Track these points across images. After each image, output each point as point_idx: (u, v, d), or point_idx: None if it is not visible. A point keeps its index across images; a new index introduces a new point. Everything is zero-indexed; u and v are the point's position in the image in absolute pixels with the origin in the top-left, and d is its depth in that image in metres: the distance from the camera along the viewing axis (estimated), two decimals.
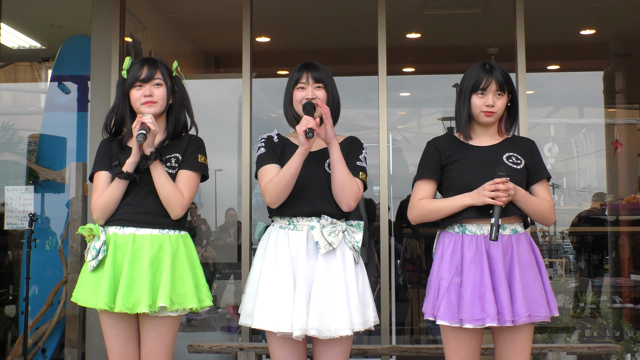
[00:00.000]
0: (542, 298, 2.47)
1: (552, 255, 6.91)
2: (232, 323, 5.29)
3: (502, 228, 2.49)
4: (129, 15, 4.88)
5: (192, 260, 2.58)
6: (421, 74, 7.37)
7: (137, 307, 2.41)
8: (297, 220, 2.51)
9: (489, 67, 2.58)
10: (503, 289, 2.40)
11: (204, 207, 6.48)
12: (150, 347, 2.50)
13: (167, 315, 2.48)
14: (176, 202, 2.51)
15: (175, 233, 2.56)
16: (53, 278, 4.91)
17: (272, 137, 2.68)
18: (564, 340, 4.75)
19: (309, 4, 5.67)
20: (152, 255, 2.48)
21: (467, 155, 2.58)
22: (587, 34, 6.24)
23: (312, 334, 2.39)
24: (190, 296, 2.50)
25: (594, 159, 6.63)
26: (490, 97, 2.55)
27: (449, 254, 2.51)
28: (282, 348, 2.49)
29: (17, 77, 6.66)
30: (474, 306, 2.39)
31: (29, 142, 5.25)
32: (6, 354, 4.84)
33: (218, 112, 6.07)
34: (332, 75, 2.66)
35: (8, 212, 4.77)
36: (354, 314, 2.43)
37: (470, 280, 2.42)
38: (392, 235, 4.70)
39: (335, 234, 2.46)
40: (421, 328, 5.63)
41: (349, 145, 2.63)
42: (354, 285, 2.46)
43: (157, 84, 2.57)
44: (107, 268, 2.47)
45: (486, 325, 2.38)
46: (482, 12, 5.60)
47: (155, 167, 2.51)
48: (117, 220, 2.54)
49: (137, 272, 2.45)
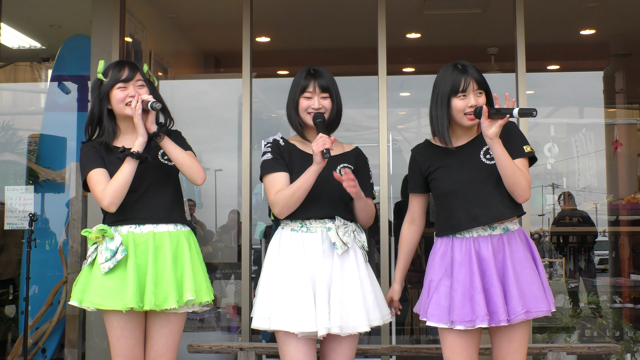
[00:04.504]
0: (542, 293, 2.44)
1: (552, 255, 6.89)
2: (232, 323, 5.27)
3: (491, 228, 2.48)
4: (129, 15, 4.87)
5: (200, 256, 2.64)
6: (421, 74, 7.35)
7: (165, 303, 2.44)
8: (310, 223, 2.56)
9: (462, 67, 2.51)
10: (496, 289, 2.39)
11: (203, 207, 6.46)
12: (160, 345, 2.52)
13: (175, 312, 2.52)
14: (199, 167, 2.57)
15: (186, 229, 2.62)
16: (53, 278, 4.90)
17: (278, 141, 2.65)
18: (564, 340, 4.74)
19: (309, 4, 5.66)
20: (173, 251, 2.52)
21: (446, 161, 2.55)
22: (587, 34, 6.23)
23: (335, 332, 2.44)
24: (205, 290, 2.57)
25: (594, 159, 6.61)
26: (472, 97, 2.49)
27: (439, 256, 2.52)
28: (297, 348, 2.49)
29: (17, 77, 6.65)
30: (464, 308, 2.39)
31: (29, 142, 5.24)
32: (6, 354, 4.83)
33: (218, 112, 6.06)
34: (335, 81, 2.68)
35: (8, 212, 4.76)
36: (370, 310, 2.52)
37: (460, 282, 2.42)
38: (392, 235, 4.68)
39: (348, 234, 2.54)
40: (421, 328, 5.61)
41: (356, 158, 2.69)
42: (368, 282, 2.56)
43: (140, 85, 2.58)
44: (130, 268, 2.46)
45: (476, 326, 2.38)
46: (482, 12, 5.59)
47: (166, 141, 2.54)
48: (132, 219, 2.54)
49: (161, 269, 2.48)
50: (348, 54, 6.39)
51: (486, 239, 2.47)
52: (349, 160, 2.65)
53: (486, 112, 2.41)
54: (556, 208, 6.91)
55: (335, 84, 2.66)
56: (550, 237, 6.45)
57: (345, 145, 2.72)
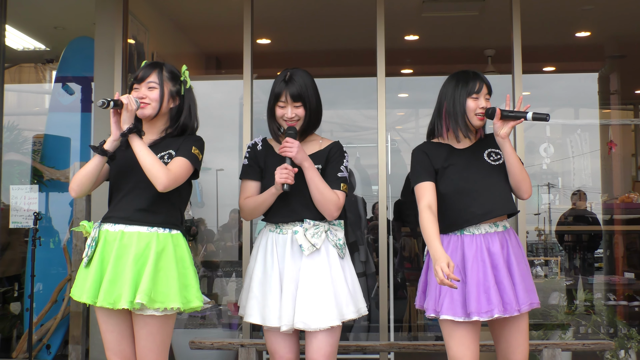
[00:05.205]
0: (534, 287, 2.64)
1: (547, 254, 6.92)
2: (233, 320, 5.30)
3: (496, 226, 2.64)
4: (132, 17, 4.90)
5: (181, 260, 2.52)
6: (419, 76, 7.38)
7: (118, 302, 2.41)
8: (281, 225, 2.65)
9: (474, 74, 2.70)
10: (507, 282, 2.54)
11: (205, 206, 6.49)
12: (142, 346, 2.50)
13: (152, 315, 2.45)
14: (159, 172, 2.42)
15: (164, 232, 2.52)
16: (57, 276, 4.93)
17: (256, 145, 2.77)
18: (559, 337, 4.76)
19: (309, 6, 5.68)
20: (138, 252, 2.46)
21: (454, 160, 2.68)
22: (582, 36, 6.26)
23: (299, 327, 2.53)
24: (173, 296, 2.45)
25: (589, 159, 6.64)
26: (482, 100, 2.68)
27: (449, 254, 2.58)
28: (274, 339, 2.64)
29: (21, 78, 6.67)
30: (480, 300, 2.51)
31: (34, 142, 5.26)
32: (11, 350, 4.86)
33: (219, 112, 6.08)
34: (312, 83, 2.65)
35: (13, 210, 4.79)
36: (344, 305, 2.57)
37: (474, 276, 2.54)
38: (391, 234, 4.71)
39: (318, 235, 2.59)
40: (419, 325, 5.64)
41: (328, 153, 2.68)
42: (341, 278, 2.60)
43: (151, 86, 2.58)
44: (94, 263, 2.49)
45: (494, 316, 2.50)
46: (479, 14, 5.61)
47: (133, 140, 2.46)
48: (110, 217, 2.56)
49: (121, 268, 2.45)
50: (347, 55, 6.41)
51: (494, 236, 2.62)
52: (319, 160, 2.66)
53: (499, 114, 2.59)
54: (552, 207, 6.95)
55: (310, 87, 2.64)
56: (559, 236, 6.40)
57: (323, 142, 2.72)
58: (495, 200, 2.62)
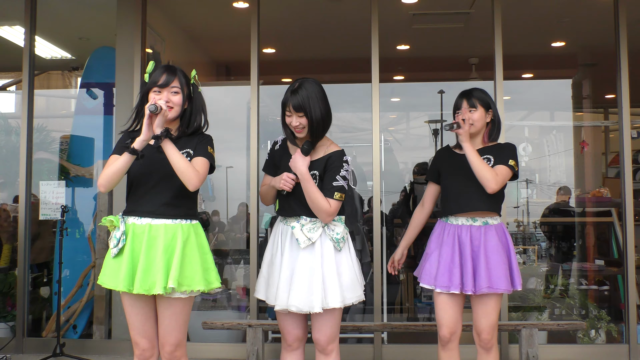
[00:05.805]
0: (505, 275, 2.79)
1: (525, 243, 6.93)
2: (242, 303, 5.30)
3: (473, 220, 2.86)
4: (149, 29, 4.89)
5: (202, 247, 2.56)
6: (410, 82, 7.38)
7: (152, 288, 2.42)
8: (287, 218, 2.70)
9: (461, 93, 2.96)
10: (468, 267, 2.80)
11: (216, 199, 6.48)
12: (165, 325, 2.51)
13: (179, 297, 2.48)
14: (192, 174, 2.46)
15: (187, 223, 2.54)
16: (82, 263, 4.94)
17: (276, 143, 2.81)
18: (535, 318, 4.77)
19: (310, 19, 5.68)
20: (166, 243, 2.47)
21: (452, 162, 2.95)
22: (557, 46, 6.26)
23: (292, 310, 2.57)
24: (198, 279, 2.49)
25: (564, 157, 6.63)
26: (463, 114, 2.88)
27: (436, 234, 2.95)
28: (283, 317, 2.69)
29: (50, 84, 6.67)
30: (444, 276, 2.82)
31: (61, 142, 5.25)
32: (42, 330, 4.87)
33: (229, 115, 6.07)
34: (316, 93, 2.56)
35: (42, 204, 4.79)
36: (330, 293, 2.57)
37: (444, 257, 2.85)
38: (384, 225, 4.72)
39: (314, 230, 2.61)
40: (409, 307, 5.65)
41: (327, 162, 2.63)
42: (332, 270, 2.60)
43: (175, 91, 2.55)
44: (126, 255, 2.48)
45: (450, 292, 2.81)
46: (465, 26, 5.61)
47: (167, 145, 2.45)
48: (135, 211, 2.54)
49: (152, 258, 2.45)
50: (345, 63, 6.40)
51: (467, 228, 2.86)
52: (318, 167, 2.63)
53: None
54: (530, 201, 6.94)
55: (315, 98, 2.56)
56: (544, 227, 6.38)
57: (330, 147, 2.67)
58: (470, 198, 2.84)
